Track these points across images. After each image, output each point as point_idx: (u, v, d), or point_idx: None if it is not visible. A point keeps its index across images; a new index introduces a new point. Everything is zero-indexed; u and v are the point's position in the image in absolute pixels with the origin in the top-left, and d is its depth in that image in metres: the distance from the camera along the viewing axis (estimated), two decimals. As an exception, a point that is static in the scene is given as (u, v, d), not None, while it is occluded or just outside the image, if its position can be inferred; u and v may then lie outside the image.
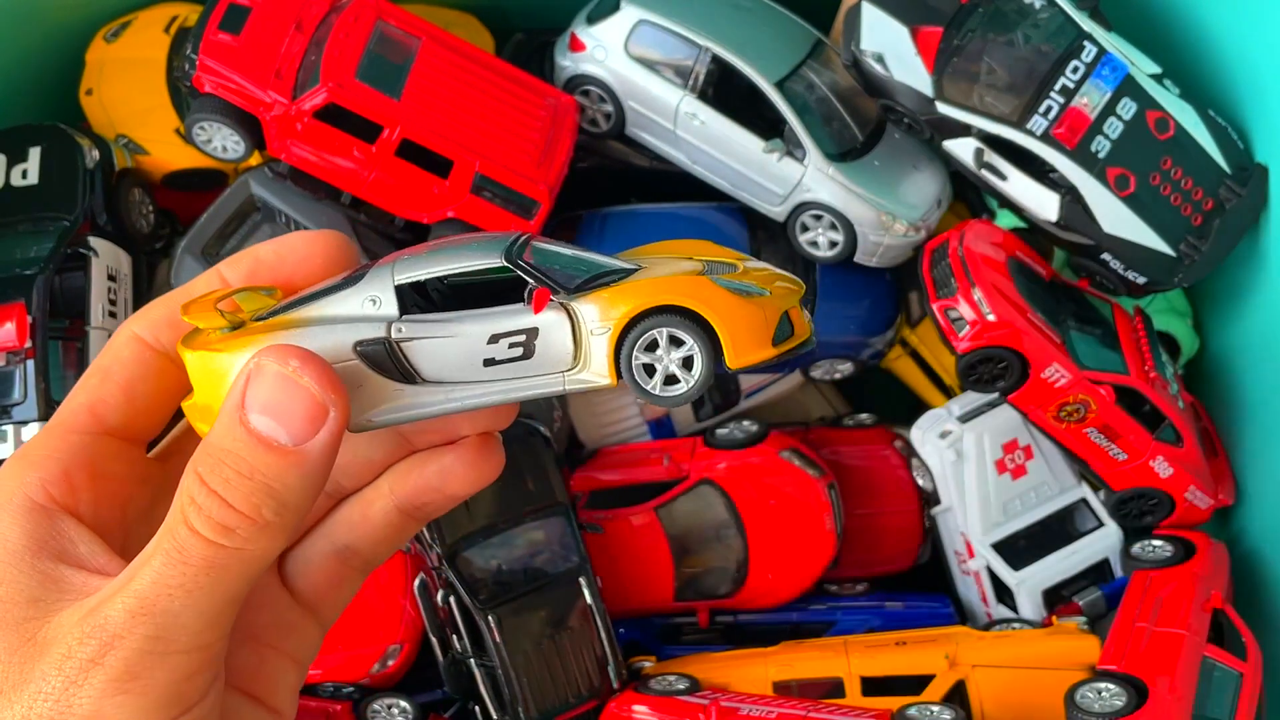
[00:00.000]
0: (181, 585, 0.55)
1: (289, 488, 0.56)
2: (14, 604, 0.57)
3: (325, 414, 0.56)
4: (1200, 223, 1.61)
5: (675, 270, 0.66)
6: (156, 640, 0.54)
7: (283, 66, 1.60)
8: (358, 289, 0.64)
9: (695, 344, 0.64)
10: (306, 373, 0.56)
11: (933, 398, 1.89)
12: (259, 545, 0.56)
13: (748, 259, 0.71)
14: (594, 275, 0.65)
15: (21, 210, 1.61)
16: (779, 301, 0.65)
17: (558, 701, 1.53)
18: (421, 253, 0.66)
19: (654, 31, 1.70)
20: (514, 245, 0.65)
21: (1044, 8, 1.59)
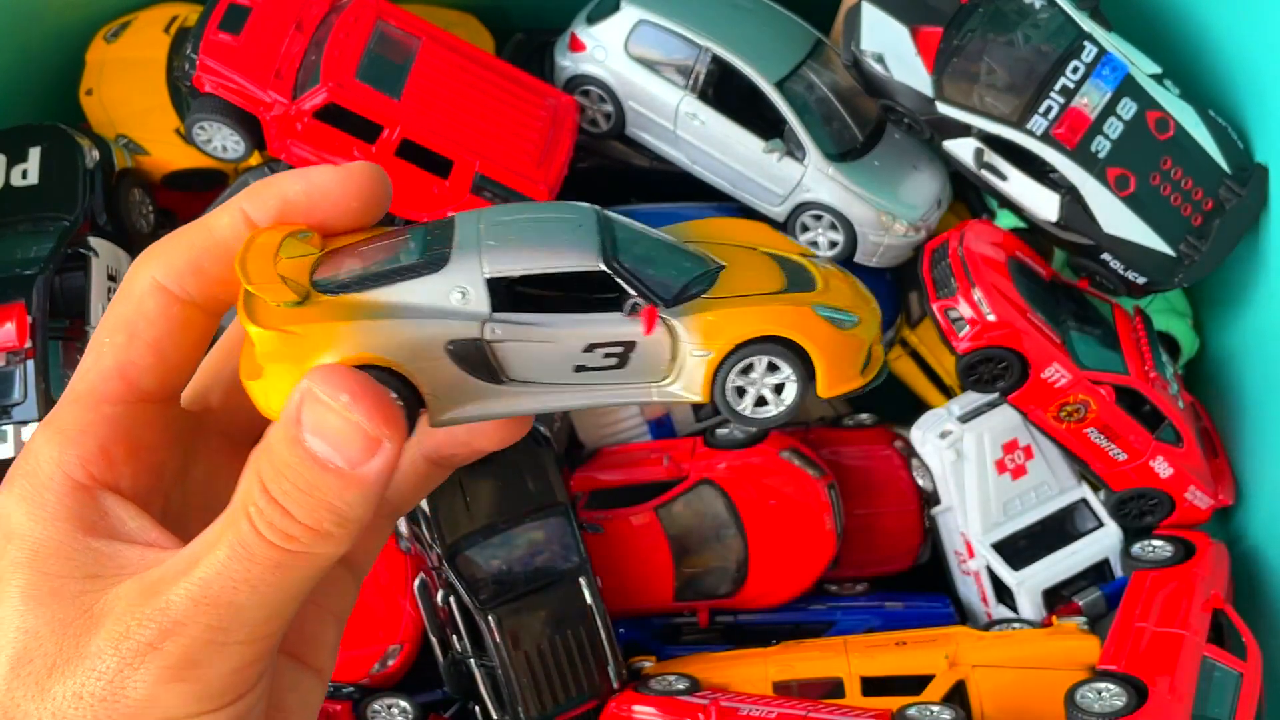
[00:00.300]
0: (247, 580, 0.54)
1: (349, 504, 0.55)
2: (70, 579, 0.56)
3: (379, 445, 0.54)
4: (1200, 223, 1.61)
5: (754, 284, 0.65)
6: (218, 630, 0.54)
7: (283, 66, 1.60)
8: (444, 276, 0.61)
9: (792, 373, 0.65)
10: (358, 409, 0.54)
11: (933, 398, 1.89)
12: (323, 550, 0.55)
13: (815, 258, 0.71)
14: (687, 282, 0.63)
15: (21, 210, 1.61)
16: (868, 333, 0.66)
17: (558, 701, 1.53)
18: (508, 234, 0.63)
19: (654, 31, 1.70)
20: (605, 240, 0.63)
21: (1044, 8, 1.59)
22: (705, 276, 0.65)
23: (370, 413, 0.54)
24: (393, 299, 0.60)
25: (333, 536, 0.55)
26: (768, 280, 0.67)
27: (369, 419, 0.54)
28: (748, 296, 0.65)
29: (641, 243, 0.65)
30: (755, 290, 0.65)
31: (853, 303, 0.67)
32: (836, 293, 0.67)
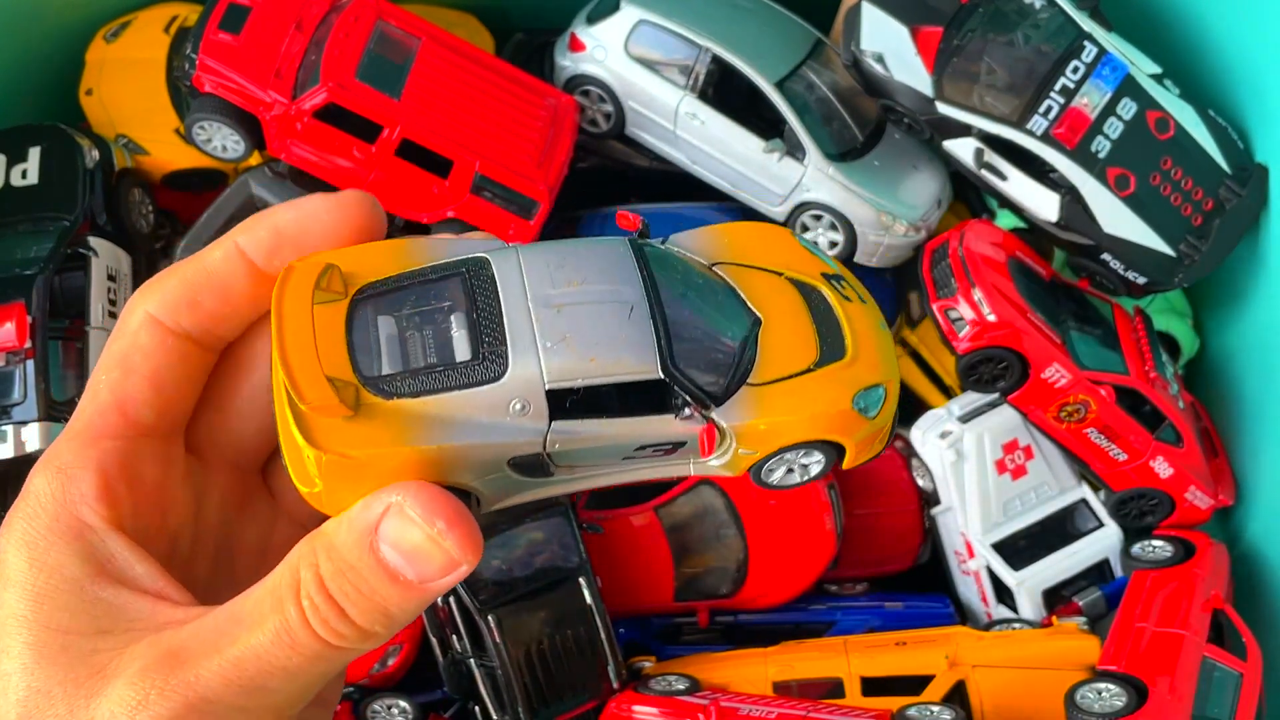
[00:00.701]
0: (285, 669, 0.54)
1: (406, 612, 0.55)
2: (81, 635, 0.55)
3: (458, 567, 0.55)
4: (1200, 223, 1.61)
5: (794, 358, 0.66)
6: (244, 711, 0.54)
7: (283, 66, 1.60)
8: (503, 387, 0.59)
9: (823, 458, 0.68)
10: (450, 537, 0.54)
11: (933, 398, 1.89)
12: (366, 647, 0.56)
13: (832, 271, 0.71)
14: (732, 366, 0.64)
15: (21, 210, 1.61)
16: (889, 413, 0.68)
17: (558, 701, 1.53)
18: (562, 327, 0.60)
19: (654, 31, 1.70)
20: (660, 338, 0.61)
21: (1044, 8, 1.59)
22: (745, 346, 0.65)
23: (461, 541, 0.54)
24: (453, 412, 0.58)
25: (379, 637, 0.56)
26: (802, 345, 0.67)
27: (459, 546, 0.54)
28: (788, 383, 0.65)
29: (688, 300, 0.64)
30: (793, 369, 0.66)
31: (879, 364, 0.68)
32: (865, 356, 0.68)
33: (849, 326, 0.69)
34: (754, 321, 0.67)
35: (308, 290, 0.60)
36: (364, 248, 0.63)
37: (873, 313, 0.71)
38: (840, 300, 0.70)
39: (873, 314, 0.71)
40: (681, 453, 0.65)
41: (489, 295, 0.61)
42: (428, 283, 0.62)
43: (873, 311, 0.71)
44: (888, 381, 0.68)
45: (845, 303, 0.70)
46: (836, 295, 0.70)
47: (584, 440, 0.62)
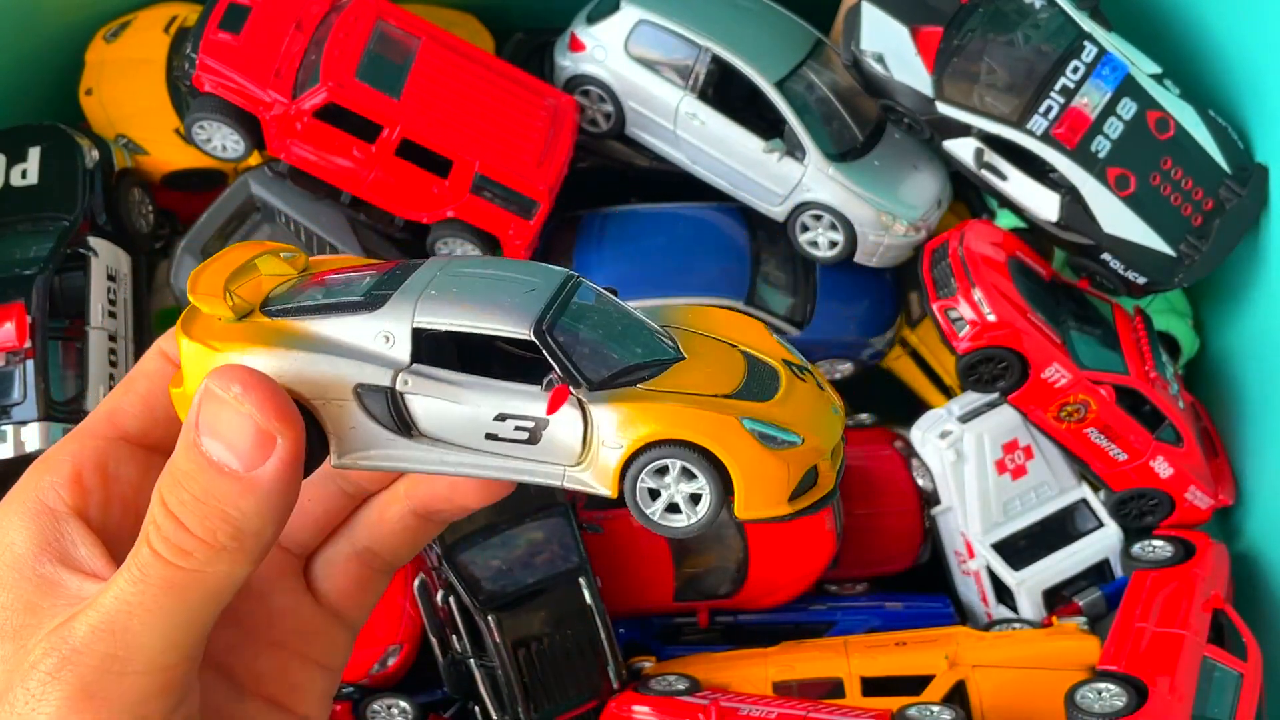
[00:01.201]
0: (141, 604, 0.53)
1: (244, 514, 0.54)
2: (14, 611, 0.57)
3: (273, 442, 0.54)
4: (1200, 223, 1.61)
5: (705, 383, 0.61)
6: (114, 659, 0.53)
7: (282, 66, 1.60)
8: (376, 318, 0.60)
9: (708, 485, 0.60)
10: (249, 400, 0.54)
11: (933, 398, 1.89)
12: (217, 569, 0.54)
13: (796, 361, 0.67)
14: (624, 369, 0.60)
15: (21, 210, 1.61)
16: (808, 455, 0.61)
17: (558, 701, 1.53)
18: (454, 287, 0.61)
19: (654, 31, 1.70)
20: (549, 310, 0.60)
21: (1044, 8, 1.59)
22: (650, 366, 0.61)
23: (262, 403, 0.54)
24: (321, 331, 0.60)
25: (227, 551, 0.54)
26: (721, 381, 0.62)
27: (261, 410, 0.54)
28: (682, 395, 0.60)
29: (601, 320, 0.62)
30: (697, 390, 0.61)
31: (806, 421, 0.62)
32: (792, 407, 0.62)
33: (788, 390, 0.63)
34: (672, 356, 0.63)
35: (242, 260, 0.64)
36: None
37: (826, 398, 0.66)
38: (791, 376, 0.65)
39: (826, 399, 0.65)
40: (550, 449, 0.60)
41: (410, 269, 0.63)
42: (373, 266, 0.65)
43: (827, 397, 0.66)
44: (810, 438, 0.61)
45: (796, 379, 0.65)
46: (789, 373, 0.65)
47: (439, 390, 0.60)
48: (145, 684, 0.54)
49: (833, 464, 0.63)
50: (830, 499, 0.63)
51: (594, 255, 1.77)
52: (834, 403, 0.65)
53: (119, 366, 1.62)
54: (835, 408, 0.65)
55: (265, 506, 0.54)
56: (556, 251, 1.80)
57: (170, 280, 1.70)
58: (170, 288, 1.71)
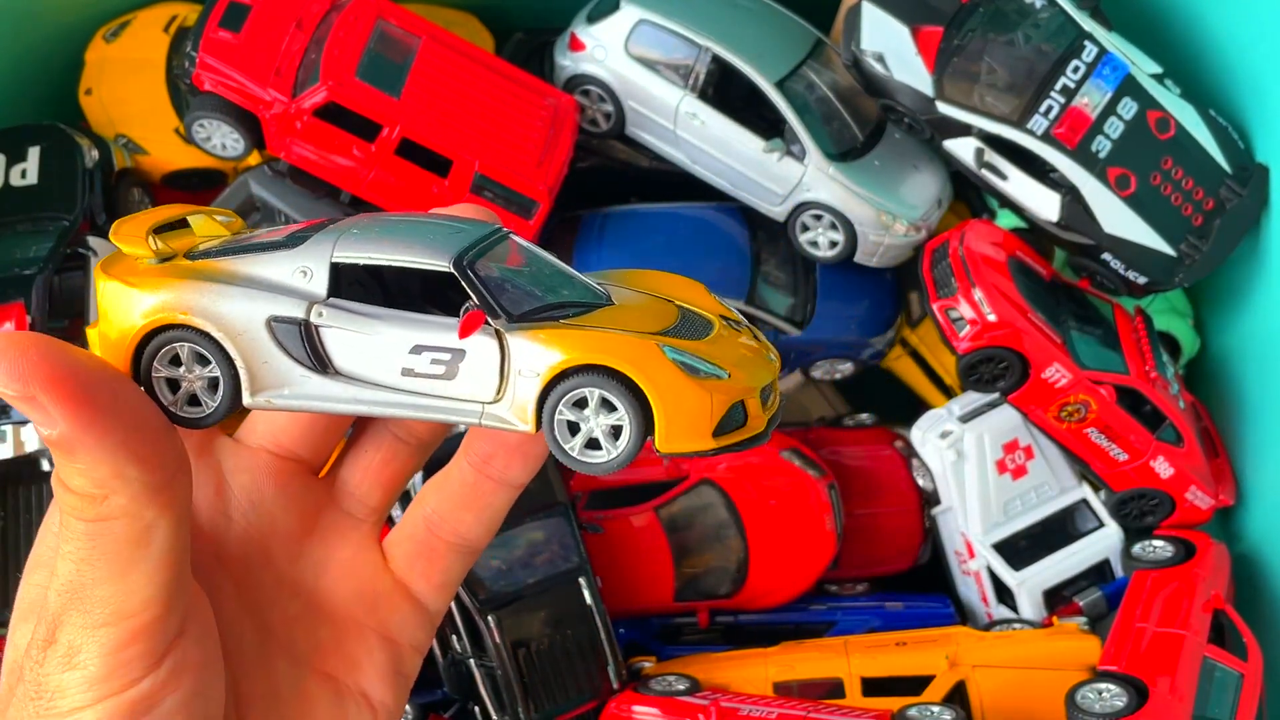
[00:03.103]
0: (81, 558, 0.56)
1: (87, 464, 0.55)
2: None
3: (36, 401, 0.54)
4: (1201, 223, 1.61)
5: (632, 323, 0.60)
6: (85, 615, 0.56)
7: (283, 65, 1.60)
8: (296, 254, 0.59)
9: (627, 415, 0.58)
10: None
11: (933, 398, 1.89)
12: (108, 511, 0.56)
13: (734, 318, 0.65)
14: (549, 305, 0.59)
15: (21, 210, 1.61)
16: (734, 388, 0.59)
17: (558, 702, 1.53)
18: (379, 227, 0.60)
19: (654, 31, 1.70)
20: (472, 249, 0.59)
21: (1044, 7, 1.59)
22: (574, 306, 0.60)
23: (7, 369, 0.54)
24: (239, 268, 0.60)
25: (95, 498, 0.55)
26: (649, 323, 0.61)
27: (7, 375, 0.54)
28: (604, 329, 0.59)
29: (529, 264, 0.61)
30: (623, 327, 0.59)
31: (734, 359, 0.60)
32: (720, 347, 0.60)
33: (719, 335, 0.62)
34: (599, 301, 0.62)
35: (174, 215, 0.65)
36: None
37: (760, 348, 0.64)
38: (726, 326, 0.64)
39: (760, 348, 0.64)
40: (468, 385, 0.59)
41: (336, 222, 0.63)
42: (309, 222, 0.65)
43: (761, 347, 0.64)
44: (736, 374, 0.59)
45: (731, 329, 0.64)
46: (723, 324, 0.64)
47: (354, 323, 0.58)
48: (115, 635, 0.56)
49: (764, 407, 0.61)
50: (760, 439, 0.61)
51: (594, 255, 1.77)
52: (769, 353, 0.64)
53: (118, 366, 1.61)
54: (771, 356, 0.64)
55: (87, 453, 0.55)
56: (556, 251, 1.79)
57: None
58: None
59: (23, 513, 1.55)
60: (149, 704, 0.57)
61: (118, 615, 0.56)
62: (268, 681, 0.65)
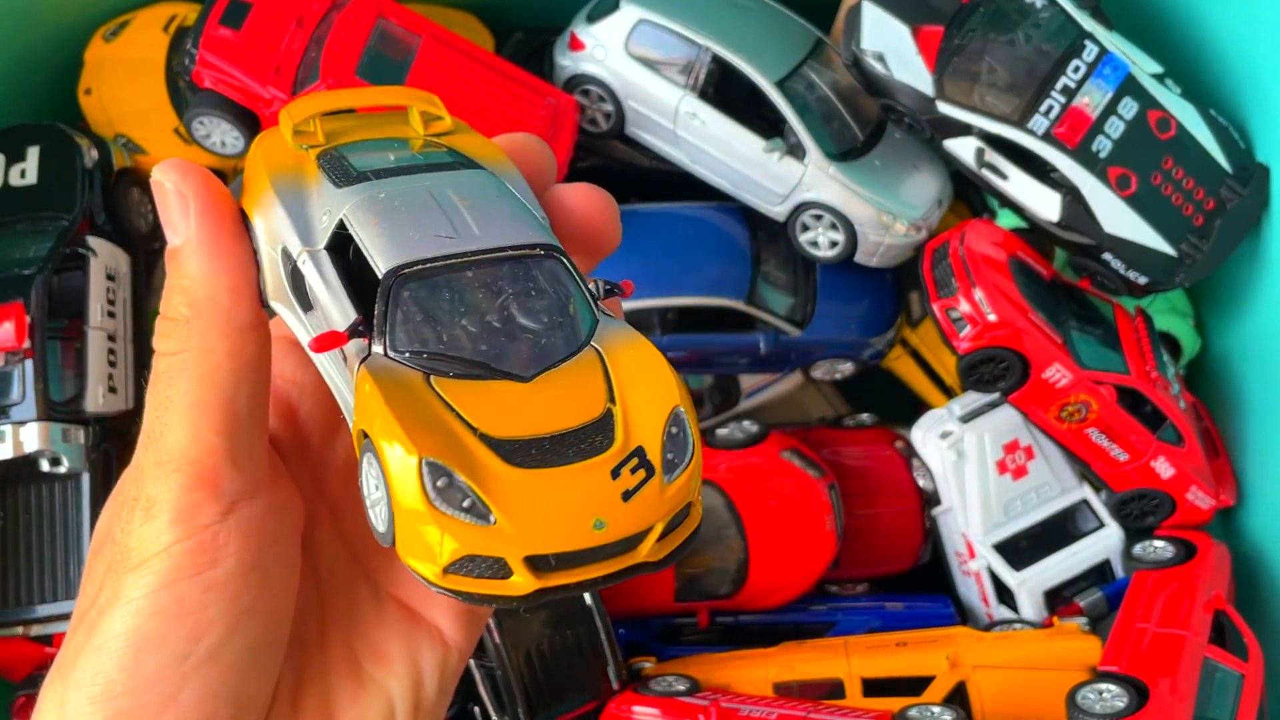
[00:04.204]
0: (156, 405, 0.58)
1: (193, 279, 0.58)
2: None
3: (186, 201, 0.58)
4: (1202, 223, 1.61)
5: (499, 408, 0.53)
6: (159, 465, 0.58)
7: (283, 63, 1.60)
8: (336, 194, 0.58)
9: (384, 499, 0.52)
10: (169, 173, 0.59)
11: (933, 398, 1.89)
12: (190, 344, 0.58)
13: (664, 461, 0.54)
14: (435, 355, 0.54)
15: (20, 210, 1.61)
16: (489, 540, 0.50)
17: (558, 702, 1.53)
18: (398, 201, 0.57)
19: (654, 31, 1.70)
20: (428, 264, 0.55)
21: (1045, 7, 1.59)
22: (477, 367, 0.54)
23: (169, 169, 0.59)
24: (306, 187, 0.60)
25: (190, 322, 0.58)
26: (528, 419, 0.52)
27: (167, 172, 0.59)
28: (427, 407, 0.52)
29: (489, 301, 0.55)
30: (471, 414, 0.52)
31: (541, 512, 0.50)
32: (546, 490, 0.50)
33: (581, 474, 0.51)
34: (515, 373, 0.54)
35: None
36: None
37: (651, 509, 0.52)
38: (630, 472, 0.53)
39: (649, 509, 0.52)
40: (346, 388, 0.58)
41: (434, 167, 0.62)
42: (438, 138, 0.65)
43: (655, 507, 0.53)
44: (516, 528, 0.50)
45: (625, 473, 0.52)
46: (628, 462, 0.53)
47: (319, 286, 0.57)
48: (181, 480, 0.57)
49: (547, 574, 0.50)
50: (512, 602, 0.51)
51: (594, 255, 1.77)
52: (660, 522, 0.52)
53: (118, 366, 1.61)
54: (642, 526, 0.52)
55: (199, 265, 0.58)
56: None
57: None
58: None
59: (22, 513, 1.54)
60: (213, 556, 0.57)
61: (184, 459, 0.57)
62: (350, 601, 0.66)
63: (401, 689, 0.65)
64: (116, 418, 1.60)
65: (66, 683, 0.56)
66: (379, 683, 0.65)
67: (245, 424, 0.59)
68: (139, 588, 0.56)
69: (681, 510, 0.54)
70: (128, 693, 0.55)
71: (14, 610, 1.52)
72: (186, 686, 0.56)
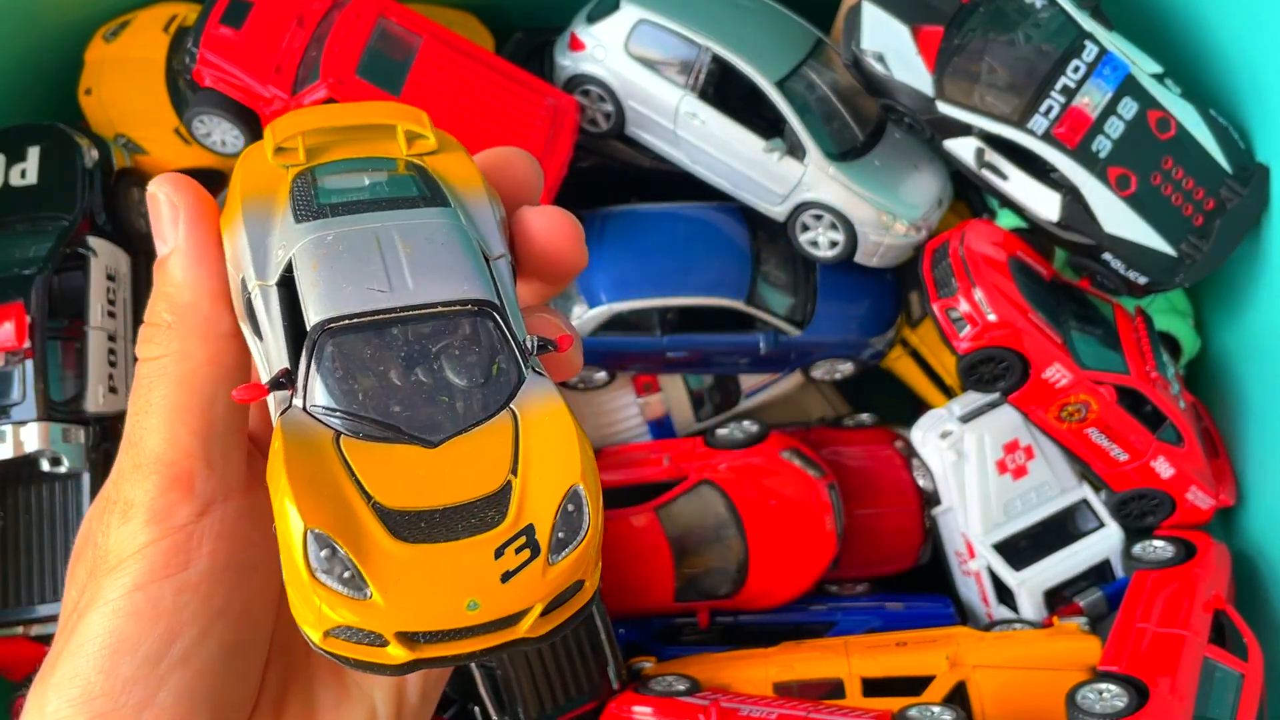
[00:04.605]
0: (136, 410, 0.60)
1: (176, 286, 0.60)
2: None
3: (176, 212, 0.61)
4: (1201, 223, 1.61)
5: (382, 489, 0.52)
6: (137, 468, 0.59)
7: (283, 62, 1.60)
8: (295, 227, 0.58)
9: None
10: (161, 187, 0.62)
11: (933, 398, 1.89)
12: (171, 348, 0.59)
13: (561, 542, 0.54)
14: (350, 414, 0.54)
15: (20, 210, 1.61)
16: (366, 614, 0.50)
17: (558, 702, 1.53)
18: (344, 243, 0.57)
19: (654, 31, 1.70)
20: (354, 320, 0.55)
21: (1045, 7, 1.59)
22: (389, 430, 0.53)
23: (163, 181, 0.62)
24: (273, 214, 0.60)
25: (171, 327, 0.60)
26: (429, 489, 0.52)
27: (161, 184, 0.62)
28: (332, 471, 0.53)
29: (417, 358, 0.55)
30: (372, 479, 0.52)
31: (420, 589, 0.50)
32: (426, 567, 0.50)
33: (468, 552, 0.51)
34: (423, 438, 0.54)
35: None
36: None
37: (534, 587, 0.52)
38: (527, 549, 0.53)
39: (532, 588, 0.52)
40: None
41: (395, 203, 0.61)
42: (390, 165, 0.65)
43: (539, 586, 0.52)
44: (391, 606, 0.50)
45: (526, 554, 0.52)
46: (521, 540, 0.53)
47: (262, 323, 0.57)
48: (157, 481, 0.58)
49: (417, 647, 0.51)
50: (387, 670, 0.51)
51: (594, 255, 1.77)
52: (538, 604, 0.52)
53: (118, 366, 1.61)
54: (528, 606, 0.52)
55: (183, 273, 0.60)
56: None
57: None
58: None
59: (22, 513, 1.54)
60: (187, 557, 0.58)
61: (160, 460, 0.58)
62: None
63: (384, 694, 0.66)
64: (117, 417, 1.60)
65: (46, 685, 0.57)
66: (362, 689, 0.66)
67: (222, 428, 0.60)
68: (115, 589, 0.57)
69: (570, 587, 0.53)
70: (105, 695, 0.56)
71: (14, 610, 1.52)
72: (163, 688, 0.57)
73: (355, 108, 0.66)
